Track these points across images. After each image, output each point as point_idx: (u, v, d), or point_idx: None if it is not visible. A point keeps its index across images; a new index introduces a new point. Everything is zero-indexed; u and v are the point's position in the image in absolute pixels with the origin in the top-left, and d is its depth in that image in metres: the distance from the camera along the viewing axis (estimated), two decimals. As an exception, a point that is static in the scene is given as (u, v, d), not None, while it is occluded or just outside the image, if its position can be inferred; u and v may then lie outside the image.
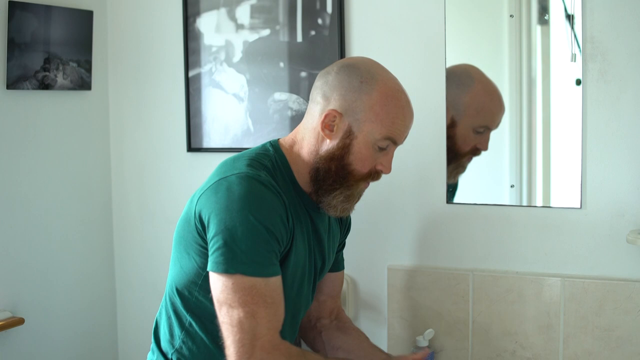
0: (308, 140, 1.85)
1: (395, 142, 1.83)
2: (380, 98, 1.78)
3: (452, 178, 2.33)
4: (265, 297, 1.69)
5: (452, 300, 2.32)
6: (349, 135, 1.79)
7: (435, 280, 2.34)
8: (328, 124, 1.80)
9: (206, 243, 1.75)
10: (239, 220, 1.68)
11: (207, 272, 1.75)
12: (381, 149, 1.82)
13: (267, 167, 1.82)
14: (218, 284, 1.70)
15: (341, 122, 1.79)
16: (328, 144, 1.82)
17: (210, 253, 1.72)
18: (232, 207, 1.70)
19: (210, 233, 1.72)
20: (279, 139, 1.93)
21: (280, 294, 1.74)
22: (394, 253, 2.42)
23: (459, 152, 2.30)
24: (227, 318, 1.69)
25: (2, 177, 2.46)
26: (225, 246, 1.68)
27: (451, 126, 2.30)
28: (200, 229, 1.76)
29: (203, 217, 1.74)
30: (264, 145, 1.91)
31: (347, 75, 1.80)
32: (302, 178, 1.87)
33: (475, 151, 2.29)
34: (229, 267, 1.68)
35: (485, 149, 2.27)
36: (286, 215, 1.77)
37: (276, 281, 1.73)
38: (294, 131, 1.92)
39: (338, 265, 2.15)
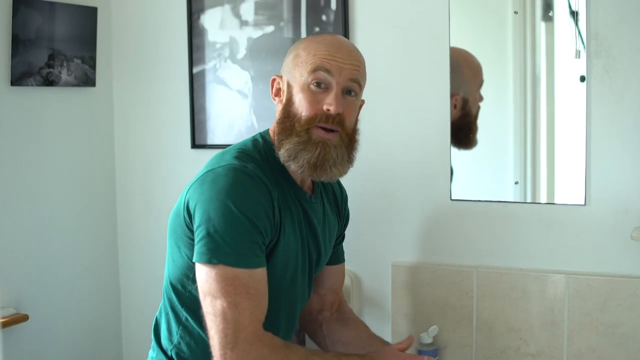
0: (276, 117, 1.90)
1: (327, 70, 1.80)
2: (304, 44, 1.86)
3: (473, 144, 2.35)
4: (249, 288, 1.69)
5: (457, 297, 2.32)
6: (288, 89, 1.84)
7: (440, 277, 2.34)
8: (277, 91, 1.89)
9: (194, 235, 1.75)
10: (222, 211, 1.69)
11: None
12: (319, 86, 1.80)
13: (255, 159, 1.82)
14: (202, 274, 1.71)
15: (282, 83, 1.87)
16: (280, 108, 1.87)
17: (195, 243, 1.72)
18: (216, 198, 1.70)
19: (195, 224, 1.73)
20: (269, 129, 1.93)
21: (264, 286, 1.74)
22: (398, 250, 2.42)
23: (474, 116, 2.31)
24: (210, 308, 1.69)
25: (7, 173, 2.46)
26: (209, 236, 1.69)
27: (465, 105, 2.30)
28: (188, 221, 1.77)
29: (190, 208, 1.75)
30: (254, 137, 1.92)
31: (291, 47, 1.91)
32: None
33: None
34: (212, 257, 1.68)
35: (482, 98, 2.29)
36: (272, 207, 1.77)
37: (261, 273, 1.73)
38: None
39: (338, 258, 2.15)
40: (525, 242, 2.26)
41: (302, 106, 1.80)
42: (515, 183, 2.26)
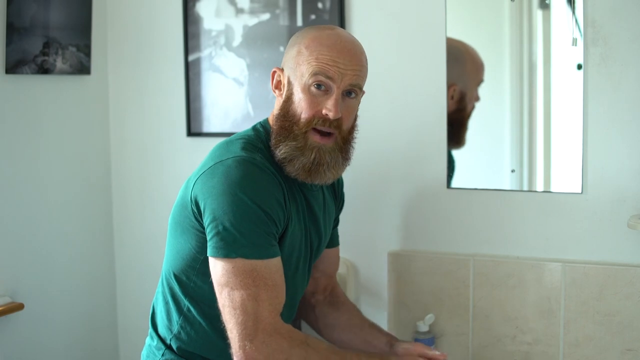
0: (274, 109, 1.89)
1: (328, 77, 1.78)
2: (307, 41, 1.82)
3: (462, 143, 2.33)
4: (266, 280, 1.71)
5: (453, 285, 2.32)
6: (289, 85, 1.83)
7: (436, 266, 2.34)
8: (277, 84, 1.87)
9: (203, 227, 1.76)
10: (237, 204, 1.70)
11: (205, 257, 1.76)
12: (319, 88, 1.79)
13: (260, 148, 1.83)
14: (218, 268, 1.72)
15: (283, 77, 1.85)
16: (280, 103, 1.86)
17: (208, 238, 1.73)
18: (229, 192, 1.70)
19: (208, 218, 1.73)
20: (268, 117, 1.93)
21: (281, 276, 1.76)
22: (395, 238, 2.42)
23: (468, 113, 2.30)
24: (228, 301, 1.70)
25: (2, 162, 2.45)
26: (225, 231, 1.70)
27: (461, 99, 2.29)
28: (197, 213, 1.77)
29: (199, 201, 1.75)
30: (254, 127, 1.92)
31: (293, 37, 1.88)
32: None
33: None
34: (230, 252, 1.69)
35: (479, 98, 2.28)
36: (282, 197, 1.78)
37: (277, 263, 1.75)
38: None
39: (333, 241, 2.16)
40: (522, 231, 2.26)
41: (301, 107, 1.80)
42: (512, 171, 2.26)
